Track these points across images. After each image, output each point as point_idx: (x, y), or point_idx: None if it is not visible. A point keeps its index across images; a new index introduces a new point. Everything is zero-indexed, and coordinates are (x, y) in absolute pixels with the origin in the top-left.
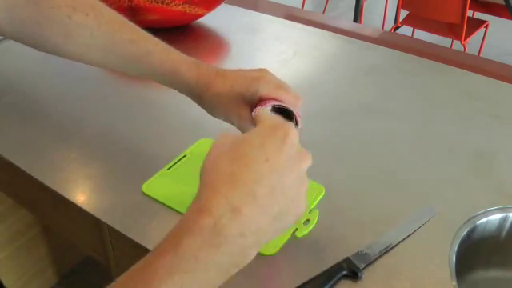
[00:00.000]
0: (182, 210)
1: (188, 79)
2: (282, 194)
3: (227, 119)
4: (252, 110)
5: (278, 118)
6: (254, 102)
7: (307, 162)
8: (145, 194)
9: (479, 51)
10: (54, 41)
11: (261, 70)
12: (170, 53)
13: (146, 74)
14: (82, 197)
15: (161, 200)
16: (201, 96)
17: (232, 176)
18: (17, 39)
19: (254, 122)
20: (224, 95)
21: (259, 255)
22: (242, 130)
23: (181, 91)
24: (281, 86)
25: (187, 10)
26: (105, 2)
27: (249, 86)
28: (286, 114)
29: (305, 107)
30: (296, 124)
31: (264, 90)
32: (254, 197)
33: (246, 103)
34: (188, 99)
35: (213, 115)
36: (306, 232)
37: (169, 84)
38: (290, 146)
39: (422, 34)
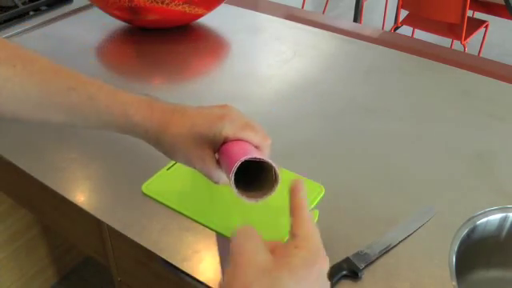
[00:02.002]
0: (182, 210)
1: (141, 120)
2: None
3: (188, 163)
4: (215, 152)
5: (315, 241)
6: (218, 144)
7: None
8: (145, 194)
9: (479, 51)
10: None
11: (224, 106)
12: (117, 94)
13: (93, 122)
14: (81, 197)
15: (161, 200)
16: (158, 138)
17: None
18: None
19: (217, 165)
20: (183, 136)
21: None
22: (205, 173)
23: (136, 136)
24: (247, 124)
25: (187, 9)
26: (105, 3)
27: (211, 126)
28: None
29: (304, 107)
30: (275, 179)
31: (229, 131)
32: None
33: (208, 144)
34: (189, 98)
35: (172, 159)
36: None
37: (121, 130)
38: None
39: (422, 34)
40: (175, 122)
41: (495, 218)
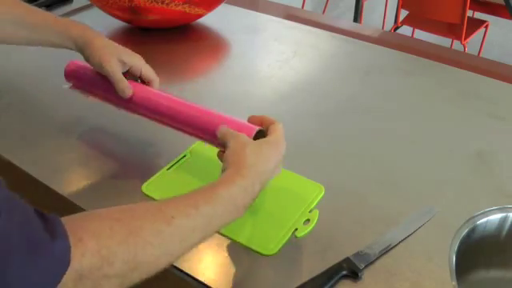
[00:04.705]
0: None
1: (75, 34)
2: (272, 173)
3: (101, 65)
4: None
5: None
6: (126, 69)
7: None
8: (145, 194)
9: (479, 51)
10: None
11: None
12: (63, 20)
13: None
14: (81, 197)
15: None
16: (84, 45)
17: (256, 161)
18: None
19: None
20: (103, 46)
21: (259, 255)
22: (112, 74)
23: (67, 43)
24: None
25: (187, 10)
26: (105, 3)
27: (123, 53)
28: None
29: (304, 107)
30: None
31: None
32: (263, 172)
33: (118, 58)
34: (189, 98)
35: (91, 61)
36: (305, 232)
37: (58, 38)
38: (281, 155)
39: (422, 34)
40: (99, 39)
41: (495, 217)
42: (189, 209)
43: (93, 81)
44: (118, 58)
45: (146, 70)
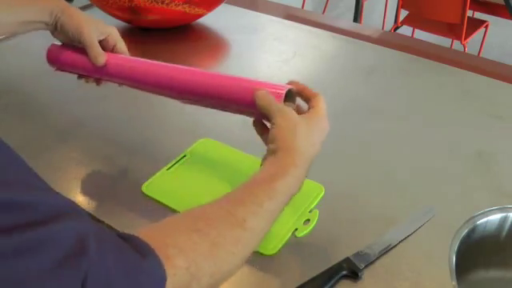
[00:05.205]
0: (182, 210)
1: (49, 6)
2: (317, 153)
3: (78, 34)
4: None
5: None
6: (99, 30)
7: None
8: (145, 194)
9: (479, 51)
10: None
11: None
12: None
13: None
14: (82, 197)
15: (161, 200)
16: (61, 15)
17: (307, 145)
18: None
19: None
20: (79, 15)
21: (259, 255)
22: (89, 43)
23: (41, 17)
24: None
25: (187, 10)
26: (105, 3)
27: (99, 23)
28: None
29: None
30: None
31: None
32: (312, 157)
33: (95, 27)
34: None
35: (66, 31)
36: (305, 232)
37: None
38: (326, 133)
39: (422, 34)
40: (74, 8)
41: (495, 217)
42: (256, 208)
43: (73, 57)
44: (95, 26)
45: (120, 43)
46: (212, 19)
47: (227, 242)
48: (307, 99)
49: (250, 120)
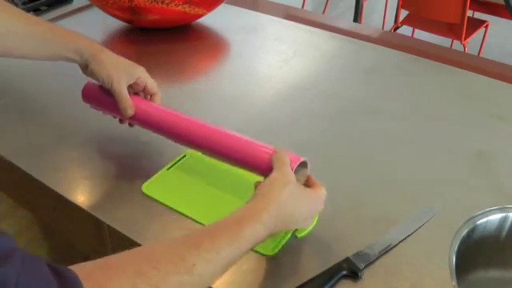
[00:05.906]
0: (182, 210)
1: (82, 47)
2: (301, 222)
3: (108, 80)
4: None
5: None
6: (132, 79)
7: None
8: (145, 194)
9: (479, 51)
10: None
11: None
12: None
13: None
14: (81, 197)
15: (161, 200)
16: (91, 58)
17: (290, 203)
18: None
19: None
20: (110, 61)
21: (259, 255)
22: (118, 92)
23: (75, 56)
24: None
25: (187, 10)
26: (105, 3)
27: (132, 64)
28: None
29: (304, 107)
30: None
31: (142, 73)
32: (291, 216)
33: (125, 74)
34: (189, 98)
35: (96, 76)
36: (306, 232)
37: (67, 51)
38: (317, 211)
39: (422, 34)
40: (106, 53)
41: (495, 217)
42: (210, 255)
43: (105, 102)
44: (125, 72)
45: (151, 84)
46: (212, 19)
47: (170, 286)
48: (311, 185)
49: (250, 120)
